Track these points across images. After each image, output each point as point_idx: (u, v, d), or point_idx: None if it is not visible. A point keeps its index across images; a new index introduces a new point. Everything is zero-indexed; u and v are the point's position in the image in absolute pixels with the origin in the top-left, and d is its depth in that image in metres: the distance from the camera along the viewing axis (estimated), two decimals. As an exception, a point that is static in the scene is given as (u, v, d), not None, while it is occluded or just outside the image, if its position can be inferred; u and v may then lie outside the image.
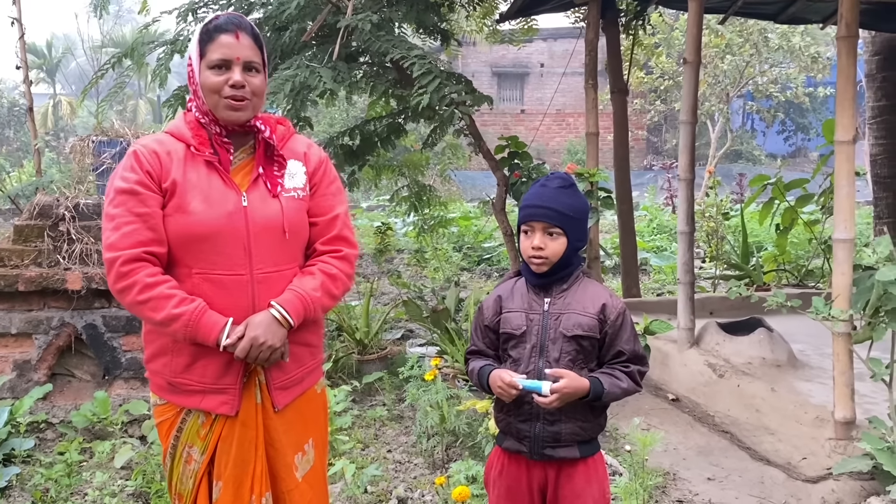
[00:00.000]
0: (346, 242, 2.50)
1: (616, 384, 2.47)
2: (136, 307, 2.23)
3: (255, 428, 2.37)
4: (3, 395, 4.65)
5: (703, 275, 9.01)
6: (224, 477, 2.36)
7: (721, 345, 5.28)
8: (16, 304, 4.70)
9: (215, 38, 2.29)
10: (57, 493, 3.93)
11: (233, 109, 2.30)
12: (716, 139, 19.33)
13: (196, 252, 2.28)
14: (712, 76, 17.72)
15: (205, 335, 2.23)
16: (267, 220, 2.33)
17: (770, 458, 4.43)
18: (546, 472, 2.55)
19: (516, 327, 2.53)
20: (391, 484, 4.16)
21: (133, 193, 2.24)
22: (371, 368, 5.67)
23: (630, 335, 2.53)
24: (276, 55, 5.98)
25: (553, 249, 2.47)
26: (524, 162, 6.11)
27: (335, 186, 2.54)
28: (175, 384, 2.34)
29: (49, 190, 5.24)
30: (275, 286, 2.34)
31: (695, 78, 5.26)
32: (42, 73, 33.23)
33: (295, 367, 2.43)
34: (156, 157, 2.29)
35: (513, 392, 2.42)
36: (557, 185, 2.53)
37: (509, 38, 8.44)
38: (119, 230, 2.23)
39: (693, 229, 5.43)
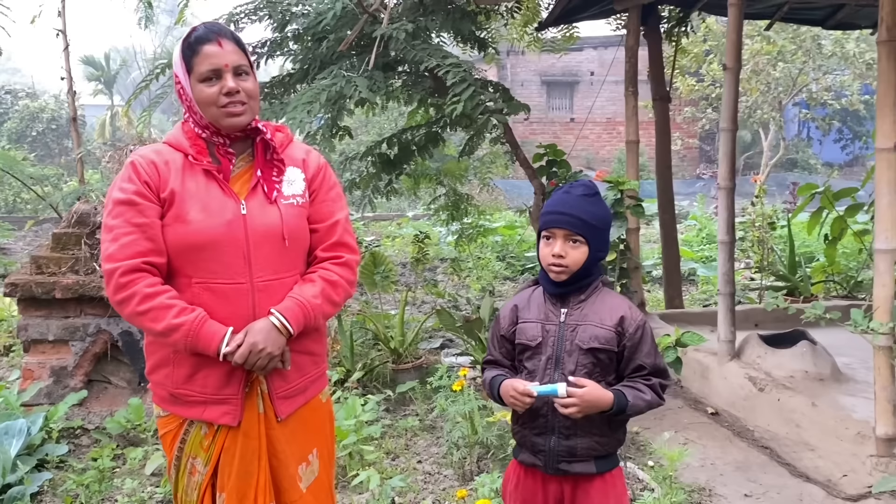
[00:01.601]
0: (347, 248, 2.48)
1: (640, 397, 2.40)
2: (136, 318, 2.23)
3: (257, 438, 2.36)
4: (40, 400, 4.72)
5: (752, 286, 8.83)
6: (227, 488, 2.34)
7: (762, 358, 5.15)
8: (53, 310, 4.78)
9: (199, 51, 2.27)
10: (87, 499, 3.96)
11: (233, 116, 2.29)
12: (768, 148, 18.98)
13: (195, 261, 2.27)
14: (764, 84, 17.42)
15: (205, 345, 2.22)
16: (266, 228, 2.32)
17: (810, 475, 4.30)
18: (562, 487, 2.49)
19: (532, 338, 2.48)
20: (419, 496, 4.12)
21: (131, 204, 2.24)
22: (405, 378, 5.64)
23: (650, 348, 2.46)
24: (314, 65, 6.02)
25: (574, 258, 2.41)
26: (562, 170, 6.05)
27: (335, 192, 2.52)
28: (177, 395, 2.33)
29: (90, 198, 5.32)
30: (275, 294, 2.33)
31: (735, 84, 5.15)
32: (100, 85, 33.93)
33: (297, 376, 2.41)
34: (154, 167, 2.29)
35: (527, 401, 2.37)
36: (581, 192, 2.47)
37: (551, 46, 8.38)
38: (117, 241, 2.22)
39: (734, 239, 5.32)
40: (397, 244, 13.35)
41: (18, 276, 4.79)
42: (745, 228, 9.12)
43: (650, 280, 10.22)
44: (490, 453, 4.41)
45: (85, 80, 34.32)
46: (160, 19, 30.05)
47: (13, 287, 4.69)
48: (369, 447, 4.32)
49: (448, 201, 7.29)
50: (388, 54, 5.69)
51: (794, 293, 7.53)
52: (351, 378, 5.20)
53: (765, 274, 8.18)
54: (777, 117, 18.30)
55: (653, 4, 6.56)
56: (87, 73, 33.43)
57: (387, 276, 6.25)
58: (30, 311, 4.77)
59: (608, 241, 2.54)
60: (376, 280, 6.29)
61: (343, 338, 5.78)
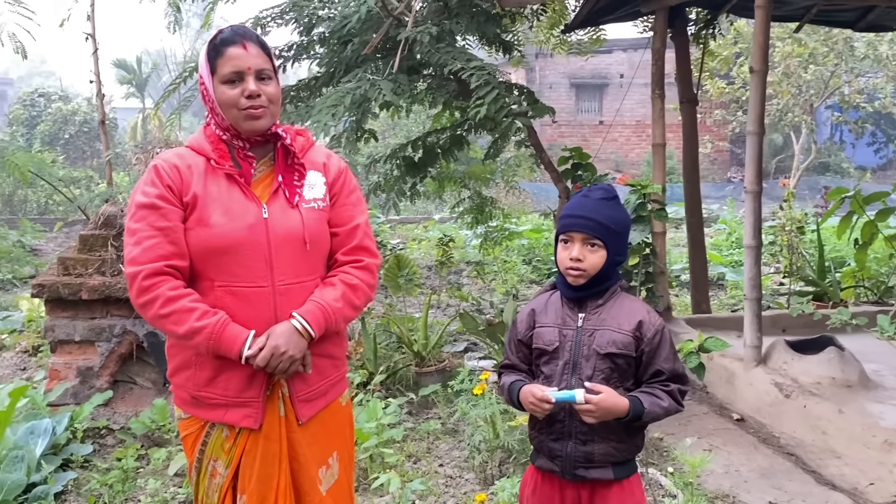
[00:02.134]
0: (367, 252, 2.48)
1: (657, 403, 2.37)
2: (159, 321, 2.24)
3: (278, 441, 2.36)
4: (67, 400, 4.76)
5: (781, 291, 8.73)
6: (248, 491, 2.35)
7: (789, 363, 5.09)
8: (79, 311, 4.82)
9: (223, 53, 2.28)
10: (111, 499, 3.99)
11: (253, 119, 2.29)
12: (800, 151, 18.78)
13: (218, 265, 2.28)
14: (795, 87, 17.23)
15: (227, 348, 2.23)
16: (288, 232, 2.32)
17: (836, 483, 4.25)
18: (579, 493, 2.47)
19: (549, 343, 2.46)
20: (440, 499, 4.11)
21: (154, 208, 2.25)
22: (428, 381, 5.64)
23: (669, 353, 2.43)
24: (340, 69, 6.04)
25: (592, 262, 2.39)
26: (587, 173, 6.02)
27: (355, 196, 2.52)
28: (199, 398, 2.34)
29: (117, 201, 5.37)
30: (297, 298, 2.33)
31: (762, 87, 5.10)
32: (132, 88, 34.31)
33: (318, 379, 2.41)
34: (176, 171, 2.30)
35: (545, 407, 2.35)
36: (600, 196, 2.45)
37: (578, 48, 8.35)
38: (140, 244, 2.24)
39: (760, 243, 5.26)
40: (423, 247, 13.34)
41: (46, 277, 4.84)
42: (775, 233, 9.02)
43: (678, 284, 10.14)
44: (512, 457, 4.39)
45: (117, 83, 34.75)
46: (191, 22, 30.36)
47: (40, 288, 4.74)
48: (390, 450, 4.31)
49: (472, 204, 7.28)
50: (413, 57, 5.70)
51: (823, 298, 7.42)
52: (373, 381, 5.20)
53: (793, 279, 8.09)
54: (808, 120, 18.09)
55: (680, 7, 6.52)
56: (119, 76, 33.84)
57: (411, 279, 6.26)
58: (57, 312, 4.82)
59: (627, 246, 2.53)
60: (400, 283, 6.30)
61: (367, 340, 5.79)
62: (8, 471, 3.76)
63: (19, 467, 3.81)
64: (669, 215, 13.24)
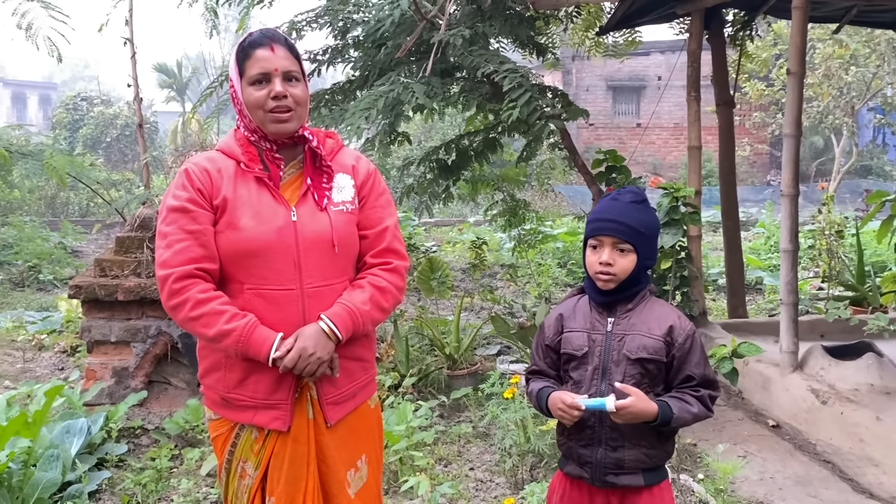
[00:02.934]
0: (396, 255, 2.48)
1: (686, 409, 2.34)
2: (189, 323, 2.25)
3: (306, 444, 2.36)
4: (102, 400, 4.83)
5: (821, 295, 8.60)
6: (277, 493, 2.35)
7: (826, 370, 5.01)
8: (115, 312, 4.88)
9: (251, 55, 2.30)
10: (144, 498, 4.04)
11: (279, 122, 2.30)
12: (841, 154, 18.50)
13: (247, 268, 2.29)
14: (836, 88, 16.97)
15: (256, 350, 2.23)
16: (316, 235, 2.32)
17: (873, 491, 4.17)
18: (609, 500, 2.44)
19: (577, 348, 2.43)
20: (470, 503, 4.10)
21: (184, 211, 2.27)
22: (460, 384, 5.63)
23: (700, 358, 2.39)
24: (374, 72, 6.06)
25: (622, 266, 2.36)
26: (621, 176, 5.98)
27: (384, 199, 2.52)
28: (228, 399, 2.36)
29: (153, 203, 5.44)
30: (325, 300, 2.33)
31: (799, 89, 5.03)
32: (173, 92, 34.74)
33: (347, 381, 2.41)
34: (206, 174, 2.32)
35: (575, 414, 2.32)
36: (629, 199, 2.42)
37: (613, 51, 8.30)
38: (171, 248, 2.25)
39: (797, 247, 5.18)
40: (457, 250, 13.35)
41: (82, 279, 4.91)
42: (815, 237, 8.89)
43: (715, 289, 10.03)
44: (543, 462, 4.38)
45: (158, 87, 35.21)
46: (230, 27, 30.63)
47: (77, 289, 4.81)
48: (419, 453, 4.31)
49: (506, 207, 7.26)
50: (446, 60, 5.70)
51: (863, 303, 7.30)
52: (404, 383, 5.21)
53: (832, 283, 7.96)
54: (850, 123, 17.80)
55: (716, 8, 6.45)
56: (160, 80, 34.30)
57: (443, 281, 6.25)
58: (93, 313, 4.89)
59: (657, 249, 2.49)
60: (433, 285, 6.29)
61: (399, 343, 5.79)
62: (44, 469, 3.81)
63: (55, 466, 3.86)
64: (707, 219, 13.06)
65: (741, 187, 23.97)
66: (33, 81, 51.88)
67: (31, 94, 47.16)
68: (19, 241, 12.68)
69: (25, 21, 5.62)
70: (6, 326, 7.79)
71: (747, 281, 10.31)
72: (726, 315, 7.33)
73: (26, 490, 3.63)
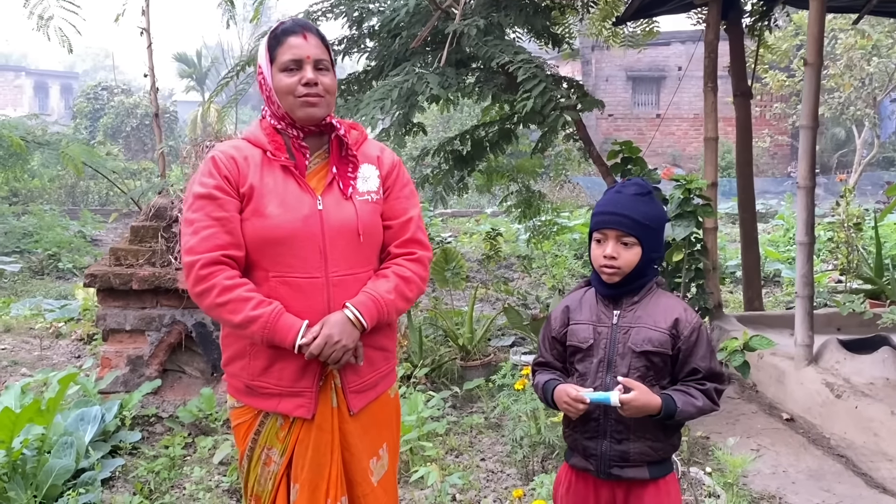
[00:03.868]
0: (420, 245, 2.50)
1: (690, 402, 2.32)
2: (215, 310, 2.26)
3: (330, 432, 2.38)
4: (117, 388, 4.87)
5: (839, 288, 8.53)
6: (301, 480, 2.38)
7: (841, 363, 4.98)
8: (130, 301, 4.92)
9: (284, 41, 2.32)
10: (157, 486, 4.07)
11: (309, 106, 2.31)
12: (862, 145, 18.33)
13: (273, 255, 2.31)
14: (858, 79, 16.80)
15: (282, 337, 2.25)
16: (342, 224, 2.34)
17: (886, 486, 4.14)
18: (614, 492, 2.44)
19: (583, 340, 2.43)
20: (481, 493, 4.11)
21: (211, 198, 2.29)
22: (473, 375, 5.64)
23: (706, 352, 2.37)
24: (389, 62, 6.06)
25: (626, 259, 2.35)
26: (637, 168, 5.95)
27: (408, 189, 2.53)
28: (253, 387, 2.37)
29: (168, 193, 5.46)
30: (350, 289, 2.35)
31: (816, 81, 4.98)
32: (192, 82, 34.88)
33: (369, 370, 2.43)
34: (233, 162, 2.34)
35: (580, 407, 2.32)
36: (634, 191, 2.40)
37: (631, 41, 8.24)
38: (198, 234, 2.27)
39: (813, 240, 5.14)
40: (474, 241, 13.35)
41: (98, 268, 4.94)
42: (833, 229, 8.82)
43: (732, 281, 9.98)
44: (554, 453, 4.37)
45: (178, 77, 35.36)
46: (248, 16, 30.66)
47: (92, 278, 4.85)
48: (429, 443, 4.32)
49: (521, 199, 7.24)
50: (462, 51, 5.68)
51: (880, 297, 7.24)
52: (416, 373, 5.21)
53: (850, 276, 7.90)
54: (871, 114, 17.64)
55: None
56: (179, 70, 34.45)
57: (457, 272, 6.25)
58: (108, 302, 4.92)
59: (662, 242, 2.47)
60: (447, 276, 6.30)
61: (412, 333, 5.80)
62: (58, 456, 3.85)
63: (69, 453, 3.89)
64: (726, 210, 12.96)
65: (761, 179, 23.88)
66: (55, 71, 52.19)
67: (52, 83, 47.46)
68: (39, 229, 12.81)
69: (38, 10, 5.64)
70: (25, 314, 7.88)
71: (765, 273, 10.26)
72: (743, 308, 7.29)
73: (40, 477, 3.67)
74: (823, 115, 19.27)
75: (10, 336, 7.06)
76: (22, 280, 10.65)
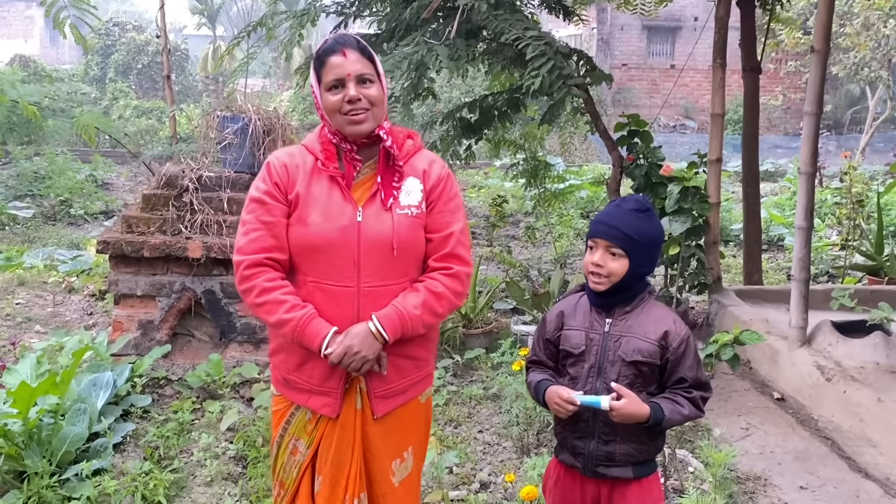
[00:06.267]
0: (459, 260, 2.55)
1: (677, 410, 2.46)
2: (254, 308, 2.44)
3: (353, 431, 2.52)
4: (128, 351, 5.02)
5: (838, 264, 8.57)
6: (324, 473, 2.53)
7: (833, 346, 5.08)
8: (141, 268, 5.04)
9: (326, 62, 2.42)
10: (165, 452, 4.23)
11: (354, 123, 2.41)
12: (875, 106, 18.18)
13: (312, 262, 2.43)
14: (874, 40, 16.60)
15: (309, 341, 2.38)
16: (378, 236, 2.42)
17: (869, 471, 4.29)
18: (599, 489, 2.58)
19: (575, 346, 2.55)
20: (477, 466, 4.27)
21: (262, 203, 2.44)
22: (475, 343, 5.77)
23: (692, 362, 2.50)
24: (400, 27, 6.06)
25: (612, 269, 2.46)
26: (643, 142, 6.00)
27: (454, 204, 2.58)
28: (288, 380, 2.54)
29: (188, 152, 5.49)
30: (380, 300, 2.44)
31: (822, 67, 4.99)
32: (204, 18, 34.51)
33: (397, 378, 2.54)
34: (285, 169, 2.47)
35: (570, 408, 2.45)
36: (631, 207, 2.50)
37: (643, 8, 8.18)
38: (247, 235, 2.44)
39: (811, 225, 5.22)
40: (482, 195, 13.39)
41: (110, 235, 5.06)
42: (842, 196, 8.84)
43: (736, 245, 10.06)
44: (550, 426, 4.51)
45: (189, 12, 35.00)
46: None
47: (105, 245, 4.97)
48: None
49: (527, 167, 7.28)
50: (472, 21, 5.68)
51: (879, 273, 7.32)
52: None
53: (850, 251, 7.96)
54: (885, 76, 17.45)
55: (746, -29, 6.37)
56: (191, 6, 34.06)
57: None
58: (120, 268, 5.05)
59: (654, 259, 2.56)
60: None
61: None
62: (72, 422, 4.00)
63: (82, 419, 4.05)
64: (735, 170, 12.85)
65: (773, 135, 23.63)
66: (66, 1, 51.55)
67: (64, 15, 46.93)
68: (51, 173, 12.89)
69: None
70: (38, 266, 8.01)
71: (769, 237, 10.33)
72: (741, 281, 7.38)
73: (55, 444, 3.83)
74: (837, 74, 19.09)
75: (24, 290, 7.20)
76: (34, 226, 10.77)
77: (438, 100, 6.86)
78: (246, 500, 3.84)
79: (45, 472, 3.66)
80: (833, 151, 19.32)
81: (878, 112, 18.78)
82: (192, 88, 28.51)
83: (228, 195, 5.12)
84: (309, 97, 20.70)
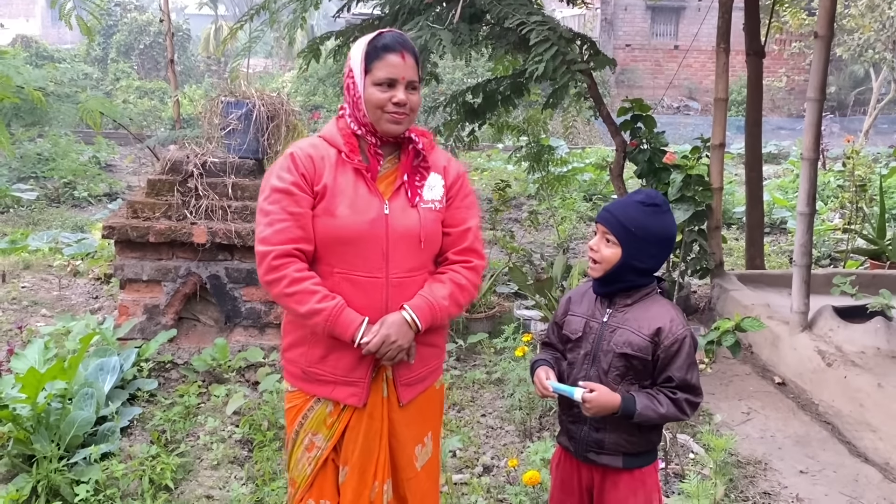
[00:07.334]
0: (476, 254, 2.64)
1: (652, 407, 2.45)
2: (283, 298, 2.43)
3: (380, 420, 2.56)
4: (134, 335, 5.06)
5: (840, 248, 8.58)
6: (350, 463, 2.57)
7: (834, 331, 5.12)
8: (147, 253, 5.07)
9: (383, 57, 2.41)
10: (172, 435, 4.28)
11: (394, 123, 2.44)
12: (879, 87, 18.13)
13: (339, 253, 2.46)
14: (879, 21, 16.53)
15: (342, 331, 2.41)
16: (406, 229, 2.48)
17: (868, 456, 4.33)
18: (592, 475, 2.62)
19: (574, 331, 2.60)
20: (480, 450, 4.31)
21: (288, 193, 2.43)
22: (478, 328, 5.80)
23: (683, 363, 2.47)
24: (404, 10, 6.07)
25: (603, 255, 2.50)
26: (647, 127, 6.01)
27: (469, 200, 2.66)
28: (309, 373, 2.55)
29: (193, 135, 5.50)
30: (407, 290, 2.50)
31: (825, 53, 5.00)
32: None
33: (421, 366, 2.60)
34: (310, 160, 2.47)
35: (546, 392, 2.53)
36: (639, 199, 2.52)
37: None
38: (273, 226, 2.42)
39: (814, 211, 5.24)
40: (485, 177, 13.39)
41: (116, 220, 5.08)
42: (846, 177, 8.85)
43: (739, 227, 10.08)
44: (552, 411, 4.55)
45: (191, -8, 34.89)
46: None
47: (111, 230, 4.99)
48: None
49: (529, 152, 7.29)
50: (475, 4, 5.69)
51: (881, 258, 7.34)
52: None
53: (852, 235, 7.97)
54: (890, 58, 17.39)
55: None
56: (193, -16, 33.94)
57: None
58: (125, 253, 5.08)
59: (654, 255, 2.52)
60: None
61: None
62: (79, 407, 4.04)
63: (89, 404, 4.09)
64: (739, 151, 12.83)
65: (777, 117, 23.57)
66: (67, -19, 51.33)
67: (65, -6, 46.75)
68: (55, 155, 12.90)
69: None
70: (43, 250, 8.04)
71: (772, 220, 10.35)
72: (743, 266, 7.41)
73: (63, 428, 3.87)
74: (841, 55, 19.02)
75: (29, 273, 7.24)
76: (38, 209, 10.80)
77: (441, 81, 6.83)
78: (252, 483, 3.89)
79: (54, 455, 3.70)
80: (836, 133, 19.28)
81: (882, 93, 18.75)
82: (193, 69, 28.44)
83: (233, 181, 5.13)
84: (311, 78, 20.58)
